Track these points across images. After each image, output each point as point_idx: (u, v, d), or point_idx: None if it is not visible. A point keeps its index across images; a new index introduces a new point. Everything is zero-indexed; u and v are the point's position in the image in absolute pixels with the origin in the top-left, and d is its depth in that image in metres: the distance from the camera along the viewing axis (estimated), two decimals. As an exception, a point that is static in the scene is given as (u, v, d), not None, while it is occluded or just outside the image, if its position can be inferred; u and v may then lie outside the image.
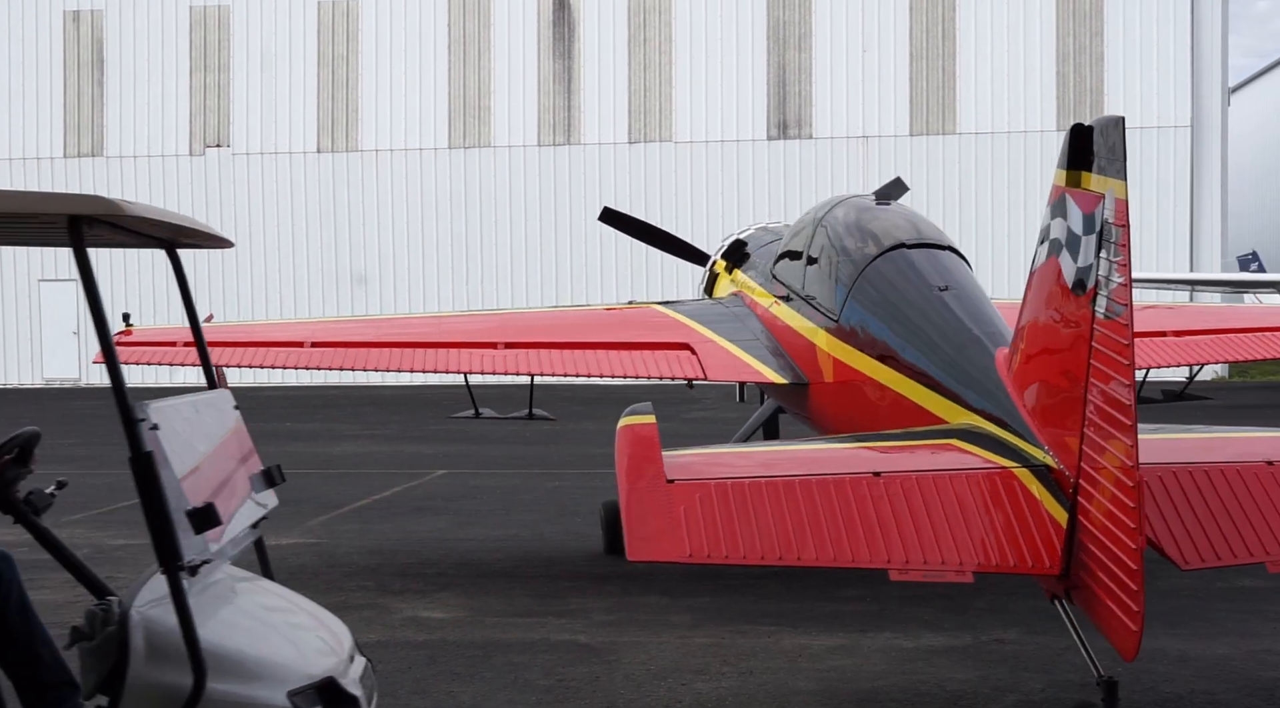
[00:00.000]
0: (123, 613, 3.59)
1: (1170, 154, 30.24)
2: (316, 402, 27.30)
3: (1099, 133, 5.64)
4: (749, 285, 10.99)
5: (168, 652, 3.55)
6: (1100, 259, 5.53)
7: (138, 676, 3.53)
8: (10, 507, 4.41)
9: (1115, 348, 5.32)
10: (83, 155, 33.52)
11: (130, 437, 3.48)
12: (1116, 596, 5.20)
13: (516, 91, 32.19)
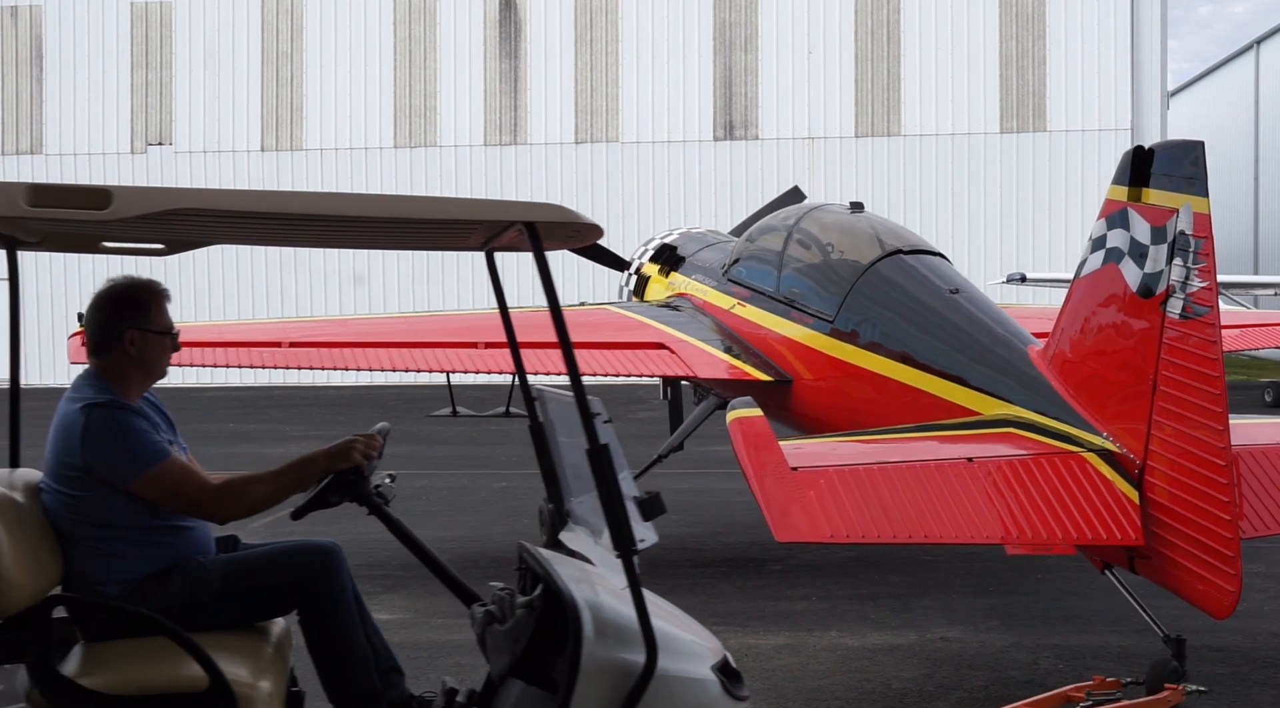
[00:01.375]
0: (570, 598, 3.76)
1: (1111, 157, 30.50)
2: (261, 402, 27.07)
3: (1181, 154, 6.23)
4: (698, 288, 11.14)
5: (612, 631, 3.73)
6: (1173, 266, 6.10)
7: (591, 656, 3.69)
8: (366, 499, 4.50)
9: (1199, 345, 5.93)
10: (21, 153, 33.05)
11: (588, 431, 3.66)
12: (1211, 564, 5.80)
13: (463, 91, 32.07)
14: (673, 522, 11.97)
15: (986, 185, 30.83)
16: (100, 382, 4.28)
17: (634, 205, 31.16)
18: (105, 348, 4.30)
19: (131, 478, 4.15)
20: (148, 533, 4.23)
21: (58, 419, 4.24)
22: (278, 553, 4.47)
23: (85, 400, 4.18)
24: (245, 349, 9.90)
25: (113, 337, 4.29)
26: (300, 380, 30.90)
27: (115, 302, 4.31)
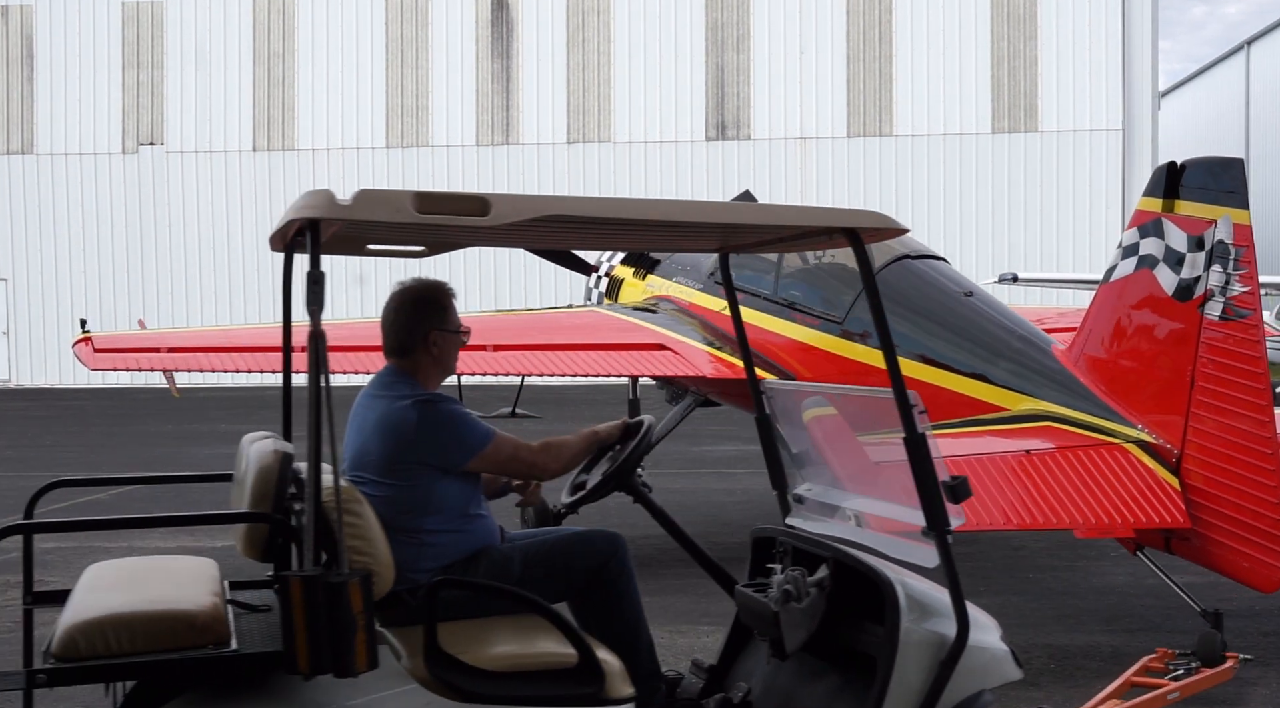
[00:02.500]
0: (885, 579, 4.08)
1: (1102, 157, 30.65)
2: (253, 403, 27.03)
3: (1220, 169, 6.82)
4: (681, 290, 11.34)
5: (919, 606, 4.04)
6: (1211, 271, 6.64)
7: (908, 630, 3.99)
8: (633, 489, 4.68)
9: (1242, 344, 6.48)
10: (12, 153, 32.99)
11: (905, 420, 3.93)
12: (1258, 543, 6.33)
13: (454, 91, 32.05)
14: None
15: (978, 185, 30.87)
16: (407, 378, 4.51)
17: (626, 205, 31.15)
18: (410, 348, 4.55)
19: (468, 458, 4.43)
20: (460, 520, 4.48)
21: (380, 417, 4.41)
22: (570, 539, 4.67)
23: (411, 397, 4.42)
24: (255, 354, 9.93)
25: (417, 337, 4.54)
26: (295, 381, 30.83)
27: (418, 304, 4.57)
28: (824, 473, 4.79)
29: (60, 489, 4.75)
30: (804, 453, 4.86)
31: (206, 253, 32.50)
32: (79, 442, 20.07)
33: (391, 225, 3.66)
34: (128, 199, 32.58)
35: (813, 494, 4.79)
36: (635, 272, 12.33)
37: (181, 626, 3.48)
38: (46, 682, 3.33)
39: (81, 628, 3.41)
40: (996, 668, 4.16)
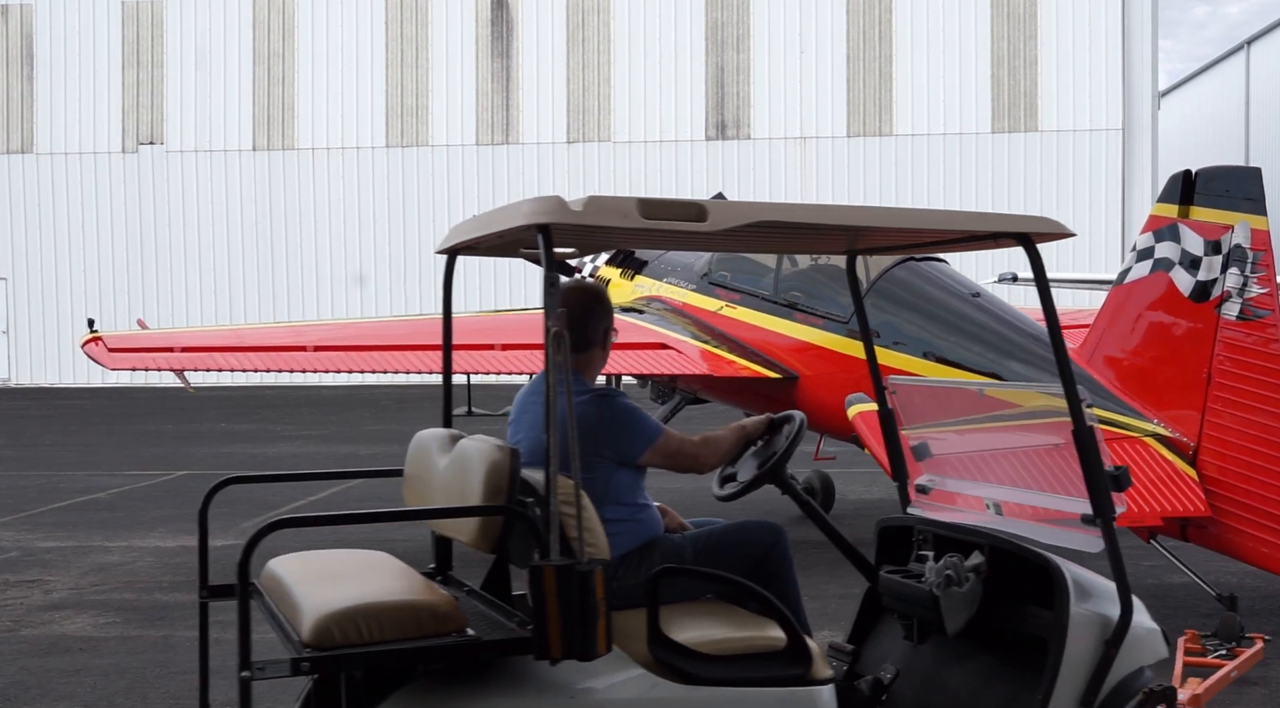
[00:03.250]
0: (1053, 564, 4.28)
1: (1102, 156, 30.65)
2: (253, 402, 27.05)
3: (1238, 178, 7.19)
4: (672, 290, 11.61)
5: (1081, 589, 4.26)
6: (1228, 274, 7.00)
7: (1076, 612, 4.21)
8: (782, 481, 4.81)
9: (1260, 342, 6.86)
10: (11, 152, 32.98)
11: (1074, 413, 4.12)
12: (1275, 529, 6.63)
13: (454, 90, 32.05)
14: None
15: (978, 185, 30.87)
16: (576, 374, 4.61)
17: (626, 205, 31.14)
18: (587, 344, 4.72)
19: (643, 450, 4.58)
20: (633, 510, 4.61)
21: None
22: (735, 529, 4.78)
23: (588, 393, 4.58)
24: (270, 353, 10.04)
25: (595, 334, 4.72)
26: (292, 380, 30.87)
27: (597, 304, 4.76)
28: (948, 465, 5.03)
29: (60, 490, 4.76)
30: (924, 446, 5.08)
31: (206, 252, 32.49)
32: (79, 442, 20.07)
33: (616, 230, 3.81)
34: (127, 198, 32.56)
35: (936, 485, 5.02)
36: (622, 272, 12.53)
37: (426, 615, 3.61)
38: (309, 669, 3.46)
39: (335, 618, 3.51)
40: (1151, 646, 4.37)
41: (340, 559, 4.40)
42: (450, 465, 4.22)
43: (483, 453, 3.94)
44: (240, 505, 13.00)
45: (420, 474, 4.53)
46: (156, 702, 6.63)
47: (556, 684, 3.70)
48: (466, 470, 4.00)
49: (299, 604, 3.65)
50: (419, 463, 4.56)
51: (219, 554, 10.48)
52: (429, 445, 4.51)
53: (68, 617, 8.50)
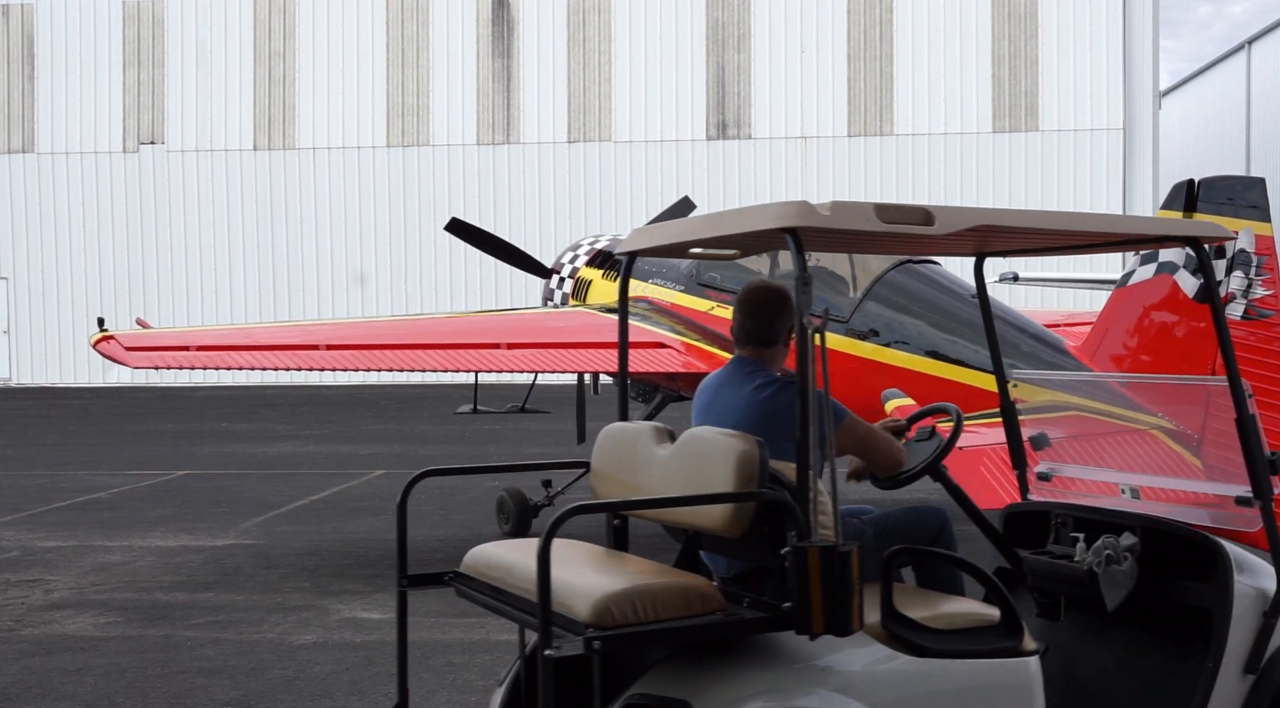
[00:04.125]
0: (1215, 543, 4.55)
1: (1103, 156, 30.65)
2: (254, 401, 27.06)
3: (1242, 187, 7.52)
4: (659, 291, 11.89)
5: (1240, 564, 4.51)
6: (1233, 277, 7.32)
7: (1239, 585, 4.46)
8: (939, 473, 4.91)
9: (1264, 340, 7.12)
10: (13, 152, 33.00)
11: (1237, 402, 4.40)
12: None
13: (455, 90, 32.06)
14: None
15: (979, 185, 30.87)
16: (763, 365, 4.81)
17: (626, 205, 31.16)
18: (775, 339, 4.86)
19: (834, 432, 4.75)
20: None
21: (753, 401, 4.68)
22: (908, 513, 4.98)
23: (781, 381, 4.73)
24: (282, 352, 10.12)
25: (783, 330, 4.86)
26: (293, 380, 30.87)
27: (785, 303, 4.90)
28: (1071, 452, 5.39)
29: (60, 489, 4.81)
30: (1041, 436, 5.43)
31: (207, 252, 32.50)
32: (80, 441, 20.09)
33: (854, 233, 4.07)
34: (128, 198, 32.57)
35: (1058, 472, 5.34)
36: (605, 274, 12.75)
37: (694, 595, 3.85)
38: (600, 647, 3.66)
39: (614, 599, 3.74)
40: None
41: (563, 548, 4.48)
42: (679, 456, 4.35)
43: (728, 444, 4.11)
44: (241, 506, 13.01)
45: (627, 466, 4.63)
46: (157, 701, 6.64)
47: (802, 658, 3.93)
48: (707, 460, 4.16)
49: (572, 587, 3.81)
50: (620, 455, 4.68)
51: (218, 554, 10.50)
52: (633, 439, 4.63)
53: (68, 616, 8.51)
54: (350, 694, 6.67)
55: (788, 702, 3.81)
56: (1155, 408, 7.74)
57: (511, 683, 4.54)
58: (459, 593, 4.56)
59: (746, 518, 4.03)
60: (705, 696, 3.79)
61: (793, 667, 3.91)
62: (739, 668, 3.89)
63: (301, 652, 7.53)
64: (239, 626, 8.18)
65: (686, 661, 3.93)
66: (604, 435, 4.77)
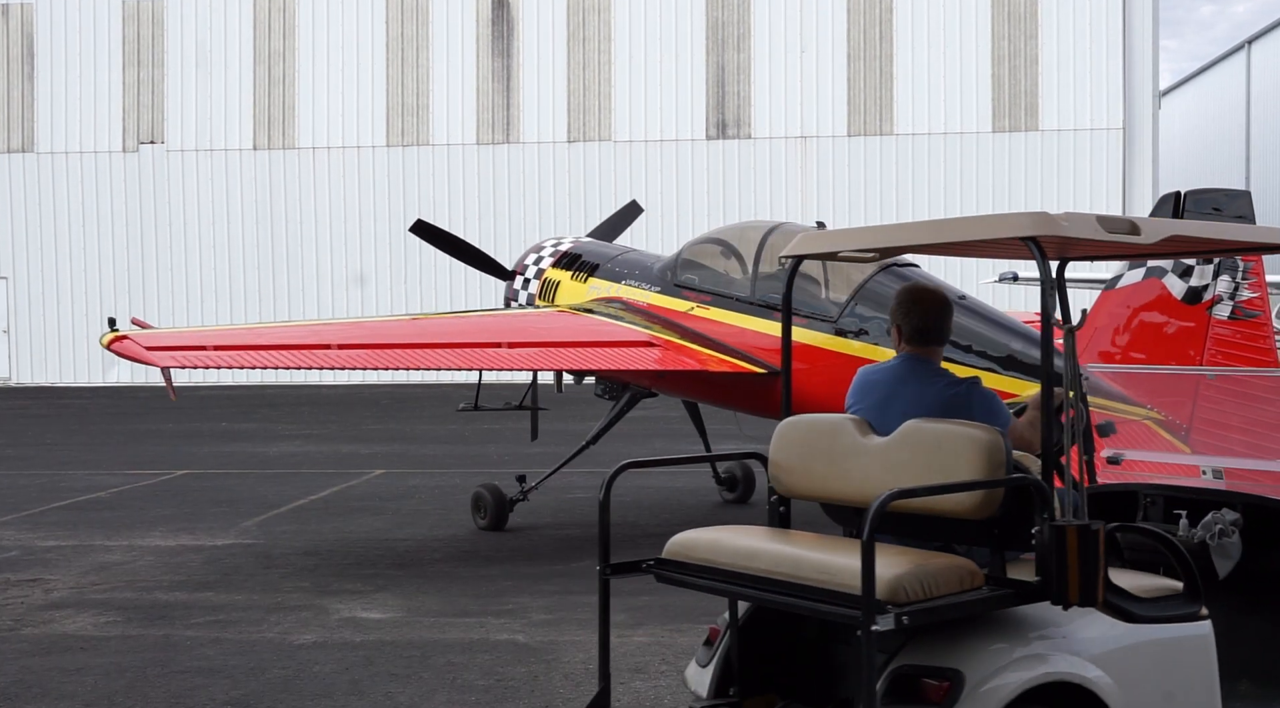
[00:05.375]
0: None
1: (1103, 156, 30.64)
2: (255, 401, 27.06)
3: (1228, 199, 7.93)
4: (633, 292, 12.20)
5: None
6: (1219, 280, 7.80)
7: None
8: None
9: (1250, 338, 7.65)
10: (13, 151, 32.99)
11: None
12: None
13: (455, 90, 32.05)
14: (665, 520, 11.98)
15: (979, 184, 30.86)
16: (929, 363, 5.16)
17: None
18: (941, 339, 5.23)
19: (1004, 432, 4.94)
20: None
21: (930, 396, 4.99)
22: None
23: (956, 380, 5.10)
24: (293, 352, 10.25)
25: (946, 330, 5.25)
26: (293, 379, 30.87)
27: (946, 305, 5.26)
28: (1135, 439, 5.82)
29: (60, 489, 4.81)
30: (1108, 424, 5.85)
31: (207, 251, 32.50)
32: (80, 441, 20.09)
33: (1081, 241, 4.43)
34: (128, 198, 32.56)
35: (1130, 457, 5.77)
36: (574, 275, 13.03)
37: (964, 573, 4.22)
38: (909, 622, 4.01)
39: (905, 579, 4.07)
40: None
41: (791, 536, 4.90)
42: (904, 445, 4.66)
43: (973, 434, 4.49)
44: (241, 505, 13.01)
45: (823, 456, 4.94)
46: (157, 701, 6.64)
47: (1045, 626, 4.34)
48: (947, 450, 4.51)
49: (853, 570, 4.04)
50: (812, 446, 4.98)
51: (218, 553, 10.50)
52: (829, 430, 4.95)
53: (68, 616, 8.51)
54: (350, 694, 6.67)
55: (1041, 667, 4.21)
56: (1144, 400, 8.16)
57: (722, 659, 4.85)
58: (659, 579, 4.81)
59: (996, 502, 4.38)
60: (974, 664, 4.16)
61: (1040, 635, 4.31)
62: (995, 639, 4.26)
63: (301, 652, 7.53)
64: (239, 625, 8.18)
65: (948, 633, 4.25)
66: (788, 428, 5.07)
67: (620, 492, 13.73)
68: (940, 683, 4.14)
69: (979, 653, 4.20)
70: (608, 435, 12.50)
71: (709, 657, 4.90)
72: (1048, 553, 4.17)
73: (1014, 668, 4.18)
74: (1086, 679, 4.26)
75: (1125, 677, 4.37)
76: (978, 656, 4.19)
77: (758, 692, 4.83)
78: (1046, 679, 4.20)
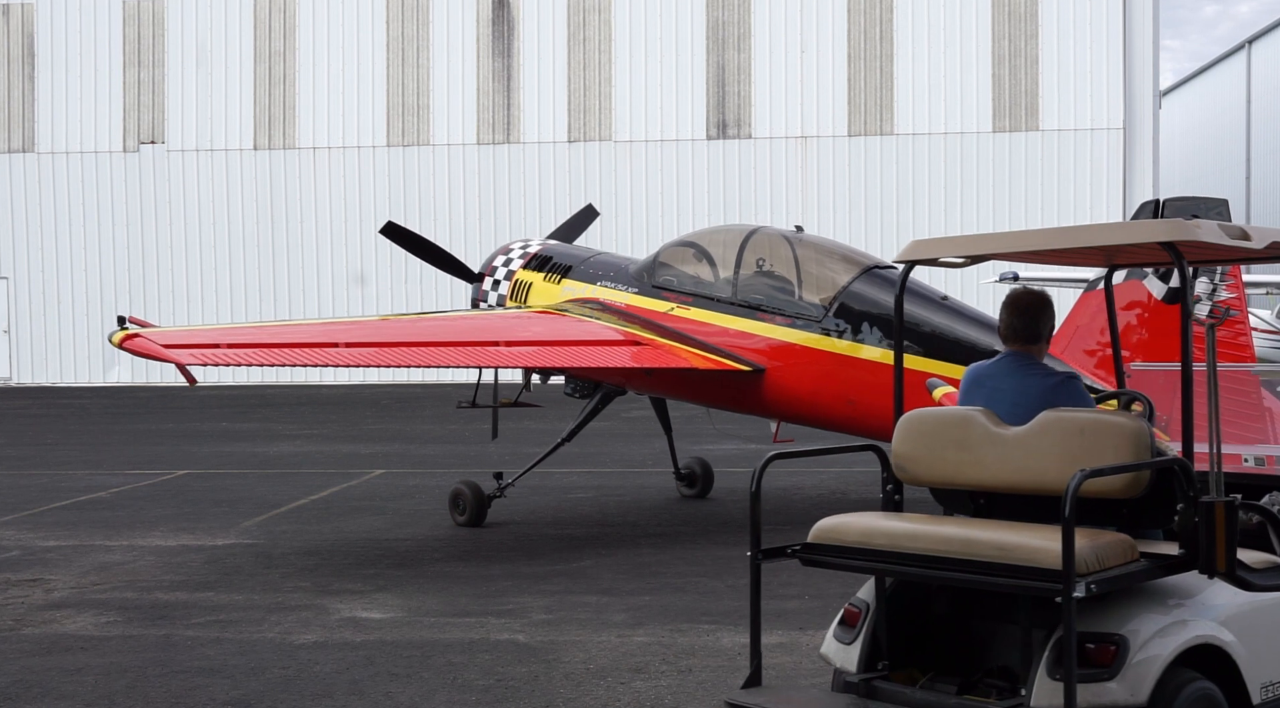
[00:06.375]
0: None
1: (1103, 156, 30.63)
2: (254, 401, 27.06)
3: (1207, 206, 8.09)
4: (609, 293, 12.50)
5: None
6: (1198, 282, 8.24)
7: None
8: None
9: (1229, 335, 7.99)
10: (13, 151, 32.99)
11: None
12: None
13: (455, 90, 32.05)
14: (666, 520, 11.99)
15: (979, 184, 30.85)
16: (1034, 359, 5.53)
17: (627, 204, 31.16)
18: (1039, 337, 5.56)
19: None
20: None
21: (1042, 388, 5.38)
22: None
23: (1061, 374, 5.51)
24: (300, 349, 10.35)
25: (1046, 329, 5.59)
26: (293, 379, 30.88)
27: (1048, 305, 5.62)
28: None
29: (61, 489, 4.80)
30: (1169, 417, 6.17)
31: (207, 251, 32.50)
32: (80, 441, 20.09)
33: (1210, 246, 4.81)
34: (129, 197, 32.56)
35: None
36: (546, 276, 13.25)
37: (1126, 546, 4.66)
38: (1094, 590, 4.43)
39: (1084, 553, 4.46)
40: None
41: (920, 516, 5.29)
42: (1045, 434, 5.02)
43: (1118, 422, 4.91)
44: (242, 505, 13.01)
45: (954, 445, 5.27)
46: (157, 701, 6.64)
47: (1186, 595, 4.78)
48: (1091, 436, 4.89)
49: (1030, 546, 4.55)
50: (943, 437, 5.32)
51: (219, 553, 10.49)
52: (959, 422, 5.29)
53: (69, 616, 8.51)
54: (350, 694, 6.67)
55: (1191, 632, 4.65)
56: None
57: (870, 635, 5.17)
58: (805, 562, 5.22)
59: (1144, 482, 4.79)
60: (1135, 630, 4.59)
61: (1183, 603, 4.75)
62: (1149, 607, 4.68)
63: (302, 651, 7.53)
64: (239, 625, 8.18)
65: (1104, 603, 4.63)
66: (914, 420, 5.41)
67: (621, 490, 13.71)
68: (1108, 647, 4.55)
69: (1138, 620, 4.62)
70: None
71: (853, 635, 5.22)
72: (1196, 527, 4.61)
73: (1168, 633, 4.60)
74: (1224, 642, 4.70)
75: (1249, 640, 4.81)
76: (1137, 622, 4.61)
77: (900, 666, 5.19)
78: (1196, 643, 4.62)
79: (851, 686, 5.17)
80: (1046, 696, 4.58)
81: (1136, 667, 4.53)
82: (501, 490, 11.82)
